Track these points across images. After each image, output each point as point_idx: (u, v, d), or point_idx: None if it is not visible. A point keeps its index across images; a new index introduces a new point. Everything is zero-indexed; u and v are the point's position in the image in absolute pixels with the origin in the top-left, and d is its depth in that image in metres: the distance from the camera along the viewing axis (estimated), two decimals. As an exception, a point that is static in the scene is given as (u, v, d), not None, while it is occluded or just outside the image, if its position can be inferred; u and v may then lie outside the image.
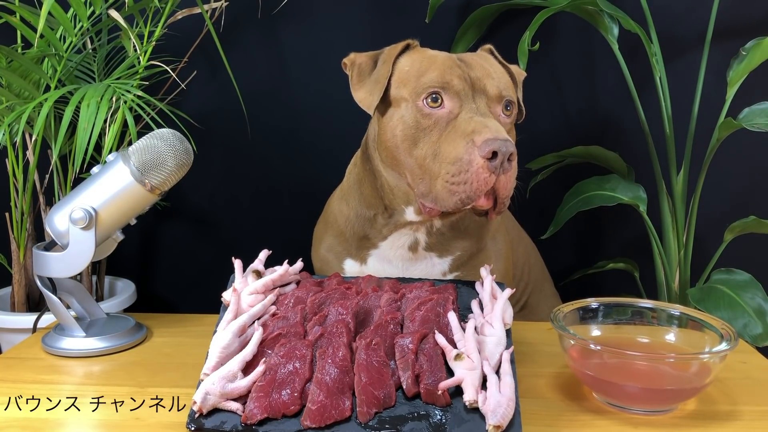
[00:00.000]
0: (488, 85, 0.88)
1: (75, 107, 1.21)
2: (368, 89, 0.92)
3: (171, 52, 1.49)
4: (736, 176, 1.58)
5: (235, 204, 1.67)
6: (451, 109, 0.85)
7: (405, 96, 0.88)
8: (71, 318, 0.94)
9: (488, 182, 0.79)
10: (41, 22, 1.16)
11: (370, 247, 1.02)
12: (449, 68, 0.87)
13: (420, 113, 0.86)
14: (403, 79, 0.90)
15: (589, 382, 0.76)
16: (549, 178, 1.54)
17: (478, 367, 0.70)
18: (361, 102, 0.92)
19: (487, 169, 0.79)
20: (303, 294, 0.83)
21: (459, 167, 0.80)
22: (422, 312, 0.78)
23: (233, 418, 0.67)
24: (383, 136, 0.92)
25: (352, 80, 0.94)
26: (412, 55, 0.93)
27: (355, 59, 0.95)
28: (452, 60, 0.90)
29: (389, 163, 0.92)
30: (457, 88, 0.86)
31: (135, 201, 0.90)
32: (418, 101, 0.86)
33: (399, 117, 0.89)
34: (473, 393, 0.67)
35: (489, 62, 0.94)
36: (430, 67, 0.88)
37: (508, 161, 0.80)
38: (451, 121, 0.85)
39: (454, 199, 0.81)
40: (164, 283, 1.74)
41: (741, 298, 1.25)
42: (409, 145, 0.87)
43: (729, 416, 0.74)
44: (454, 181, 0.81)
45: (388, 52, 0.93)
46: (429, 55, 0.91)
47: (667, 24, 1.48)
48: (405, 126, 0.87)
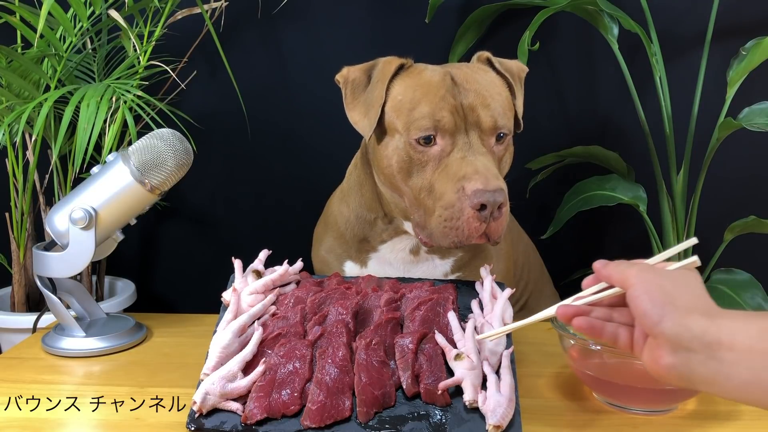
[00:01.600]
0: (482, 117, 0.86)
1: (75, 107, 1.21)
2: (362, 111, 0.91)
3: (171, 52, 1.49)
4: (736, 176, 1.58)
5: (235, 204, 1.67)
6: (443, 147, 0.85)
7: (398, 128, 0.88)
8: (71, 318, 0.94)
9: (479, 229, 0.81)
10: (41, 22, 1.16)
11: (370, 250, 1.02)
12: (441, 99, 0.86)
13: (413, 150, 0.86)
14: (396, 108, 0.88)
15: (589, 382, 0.76)
16: (549, 178, 1.54)
17: (478, 366, 0.70)
18: (355, 124, 0.91)
19: (477, 218, 0.80)
20: (303, 294, 0.83)
21: (451, 213, 0.82)
22: (422, 312, 0.78)
23: (233, 418, 0.67)
24: (380, 161, 0.91)
25: (346, 99, 0.92)
26: (406, 79, 0.90)
27: (348, 75, 0.93)
28: (445, 86, 0.87)
29: (388, 185, 0.93)
30: (449, 126, 0.85)
31: (135, 201, 0.90)
32: (410, 140, 0.86)
33: (394, 147, 0.88)
34: (473, 393, 0.68)
35: (485, 79, 0.91)
36: (422, 99, 0.86)
37: (498, 209, 0.81)
38: (443, 158, 0.85)
39: (447, 240, 0.83)
40: (164, 283, 1.74)
41: (741, 298, 1.25)
42: (404, 176, 0.88)
43: (729, 416, 0.74)
44: (446, 225, 0.82)
45: (382, 71, 0.90)
46: (422, 82, 0.88)
47: (667, 24, 1.48)
48: (399, 158, 0.87)
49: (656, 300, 0.55)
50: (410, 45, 1.55)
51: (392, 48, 0.96)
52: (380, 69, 0.91)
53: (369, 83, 0.91)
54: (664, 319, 0.54)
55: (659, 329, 0.54)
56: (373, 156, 0.94)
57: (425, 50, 1.54)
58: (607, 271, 0.62)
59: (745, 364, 0.51)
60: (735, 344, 0.51)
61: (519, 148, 1.00)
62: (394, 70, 0.90)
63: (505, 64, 0.96)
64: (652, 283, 0.56)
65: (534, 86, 1.36)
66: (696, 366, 0.52)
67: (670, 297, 0.55)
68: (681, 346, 0.53)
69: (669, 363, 0.53)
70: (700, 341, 0.52)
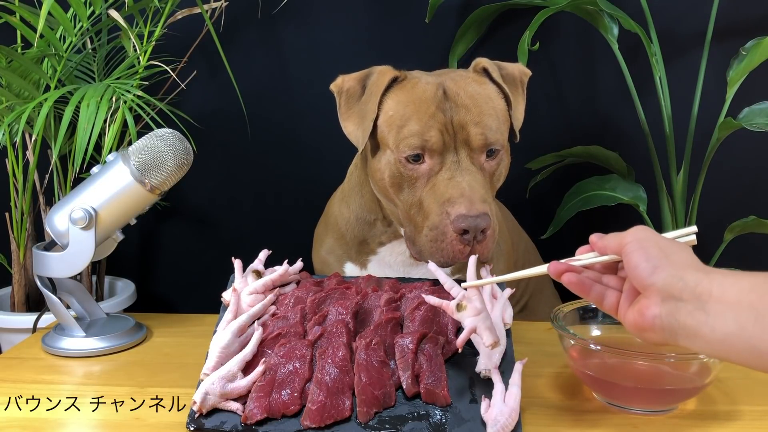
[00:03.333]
0: (471, 134, 0.85)
1: (75, 107, 1.21)
2: (356, 122, 0.91)
3: (171, 52, 1.49)
4: (736, 176, 1.58)
5: (235, 204, 1.67)
6: (431, 166, 0.86)
7: (389, 145, 0.88)
8: (71, 318, 0.94)
9: (463, 252, 0.82)
10: (41, 22, 1.16)
11: (370, 252, 1.02)
12: (431, 117, 0.85)
13: (403, 167, 0.87)
14: (387, 123, 0.89)
15: (589, 382, 0.76)
16: (549, 178, 1.54)
17: (484, 309, 0.68)
18: (349, 135, 0.91)
19: (460, 241, 0.81)
20: (303, 294, 0.83)
21: (436, 234, 0.83)
22: (422, 312, 0.78)
23: (233, 418, 0.67)
24: (374, 174, 0.92)
25: (340, 109, 0.92)
26: (398, 94, 0.89)
27: (343, 85, 0.93)
28: (436, 101, 0.86)
29: (383, 194, 0.93)
30: (437, 145, 0.85)
31: (135, 201, 0.90)
32: (400, 157, 0.86)
33: (386, 162, 0.89)
34: (490, 336, 0.66)
35: (479, 91, 0.89)
36: (412, 116, 0.86)
37: (482, 233, 0.81)
38: (432, 177, 0.85)
39: (434, 258, 0.84)
40: (164, 283, 1.74)
41: (741, 298, 1.25)
42: (396, 190, 0.89)
43: (729, 416, 0.74)
44: (433, 246, 0.83)
45: (376, 83, 0.90)
46: (414, 97, 0.87)
47: (667, 24, 1.48)
48: (391, 173, 0.88)
49: (651, 254, 0.56)
50: (410, 45, 1.55)
51: (392, 48, 0.96)
52: (374, 81, 0.91)
53: (363, 93, 0.91)
54: (657, 270, 0.55)
55: (651, 280, 0.55)
56: (368, 167, 0.95)
57: (425, 50, 1.54)
58: (603, 242, 0.63)
59: (731, 316, 0.51)
60: (724, 296, 0.52)
61: (519, 148, 0.99)
62: (387, 83, 0.89)
63: (505, 70, 0.94)
64: (649, 240, 0.58)
65: (534, 86, 1.36)
66: (683, 316, 0.53)
67: (665, 253, 0.56)
68: (671, 296, 0.54)
69: (655, 313, 0.55)
70: (692, 291, 0.53)
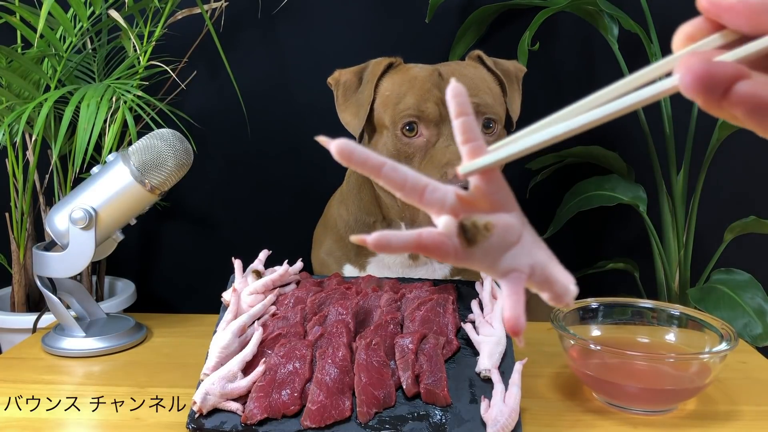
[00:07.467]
0: None
1: (75, 107, 1.21)
2: (353, 111, 0.91)
3: (171, 52, 1.49)
4: (736, 176, 1.58)
5: (235, 204, 1.67)
6: (428, 138, 0.86)
7: (386, 123, 0.88)
8: (71, 318, 0.94)
9: None
10: (41, 22, 1.16)
11: (369, 254, 1.02)
12: (427, 92, 0.86)
13: (400, 142, 0.86)
14: (384, 103, 0.89)
15: (589, 382, 0.76)
16: (549, 178, 1.54)
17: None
18: (347, 125, 0.92)
19: None
20: (303, 294, 0.83)
21: None
22: (422, 312, 0.78)
23: (233, 418, 0.67)
24: None
25: (338, 100, 0.93)
26: (394, 76, 0.91)
27: (340, 77, 0.94)
28: (432, 80, 0.88)
29: None
30: (433, 115, 0.85)
31: (135, 201, 0.90)
32: (396, 130, 0.86)
33: (383, 144, 0.89)
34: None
35: (474, 73, 0.91)
36: (408, 91, 0.87)
37: None
38: (429, 149, 0.85)
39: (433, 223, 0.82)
40: (164, 283, 1.74)
41: (741, 298, 1.25)
42: None
43: (729, 416, 0.74)
44: None
45: (372, 71, 0.91)
46: (410, 77, 0.89)
47: (667, 24, 1.48)
48: (388, 153, 0.88)
49: None
50: (410, 45, 1.55)
51: (392, 48, 0.97)
52: (370, 69, 0.92)
53: (360, 85, 0.92)
54: None
55: None
56: None
57: (425, 50, 1.54)
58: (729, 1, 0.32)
59: None
60: None
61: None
62: (383, 69, 0.91)
63: (501, 64, 0.96)
64: None
65: (534, 86, 1.36)
66: None
67: None
68: None
69: None
70: None
